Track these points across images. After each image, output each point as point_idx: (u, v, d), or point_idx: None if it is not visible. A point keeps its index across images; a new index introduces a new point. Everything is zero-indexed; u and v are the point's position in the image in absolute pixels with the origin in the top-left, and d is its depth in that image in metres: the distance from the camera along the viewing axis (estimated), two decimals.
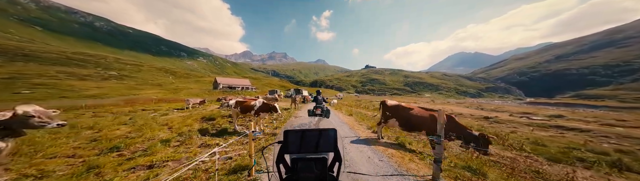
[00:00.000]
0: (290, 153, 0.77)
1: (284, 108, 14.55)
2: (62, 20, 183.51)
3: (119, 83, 43.56)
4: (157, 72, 71.73)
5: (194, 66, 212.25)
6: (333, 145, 0.74)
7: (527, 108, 28.81)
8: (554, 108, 35.01)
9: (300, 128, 0.80)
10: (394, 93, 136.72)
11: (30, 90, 25.20)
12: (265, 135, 5.47)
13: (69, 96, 25.36)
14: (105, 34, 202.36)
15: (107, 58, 71.40)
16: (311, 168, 0.71)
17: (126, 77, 51.58)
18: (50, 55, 54.64)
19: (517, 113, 20.72)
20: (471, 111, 23.42)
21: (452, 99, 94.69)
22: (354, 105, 21.21)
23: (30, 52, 53.50)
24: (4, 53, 47.43)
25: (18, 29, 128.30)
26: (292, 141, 0.75)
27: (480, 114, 19.53)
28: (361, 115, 11.62)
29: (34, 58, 49.57)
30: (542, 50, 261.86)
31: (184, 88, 47.83)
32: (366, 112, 14.91)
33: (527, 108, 31.17)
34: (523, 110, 25.24)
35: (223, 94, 36.75)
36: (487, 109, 27.33)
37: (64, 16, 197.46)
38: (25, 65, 43.08)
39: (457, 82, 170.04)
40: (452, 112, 19.48)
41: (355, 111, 13.77)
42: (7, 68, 35.81)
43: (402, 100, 53.63)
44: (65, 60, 54.69)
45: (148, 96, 30.11)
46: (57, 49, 67.05)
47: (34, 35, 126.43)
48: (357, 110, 14.94)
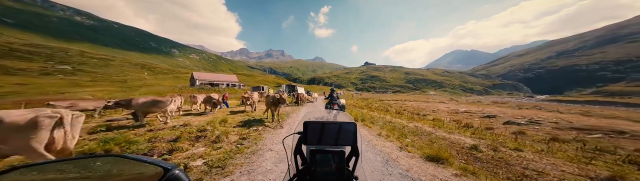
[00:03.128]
0: (308, 145, 0.76)
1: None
2: (37, 14, 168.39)
3: (63, 78, 33.94)
4: (131, 67, 61.65)
5: (185, 63, 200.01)
6: (352, 139, 0.73)
7: (575, 108, 20.91)
8: (602, 107, 27.44)
9: (318, 120, 0.79)
10: (396, 90, 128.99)
11: None
12: None
13: None
14: (86, 28, 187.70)
15: (70, 51, 60.79)
16: (329, 161, 0.71)
17: (81, 72, 41.78)
18: None
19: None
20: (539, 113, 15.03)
21: (471, 97, 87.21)
22: (364, 106, 16.34)
23: None
24: None
25: None
26: (311, 133, 0.75)
27: (588, 123, 11.10)
28: (385, 122, 7.31)
29: None
30: (543, 47, 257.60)
31: (154, 84, 38.48)
32: (387, 116, 9.82)
33: (571, 107, 23.36)
34: (586, 109, 17.25)
35: (187, 92, 27.54)
36: (546, 110, 19.18)
37: (39, 9, 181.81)
38: None
39: (461, 78, 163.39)
40: (533, 117, 11.18)
41: (371, 116, 9.24)
42: None
43: (407, 97, 45.47)
44: (6, 52, 44.35)
45: (80, 95, 20.93)
46: (5, 40, 56.17)
47: (3, 28, 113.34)
48: (373, 114, 10.43)
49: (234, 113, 8.71)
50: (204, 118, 7.09)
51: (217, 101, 8.33)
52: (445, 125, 8.12)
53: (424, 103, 26.20)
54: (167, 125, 5.80)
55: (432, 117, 12.23)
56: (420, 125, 7.58)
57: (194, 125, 5.78)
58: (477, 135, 5.98)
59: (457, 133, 6.01)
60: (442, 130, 6.64)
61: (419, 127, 6.95)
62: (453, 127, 8.04)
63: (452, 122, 10.53)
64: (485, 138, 5.50)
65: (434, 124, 7.99)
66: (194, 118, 7.11)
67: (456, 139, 5.24)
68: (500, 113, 14.22)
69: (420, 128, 6.70)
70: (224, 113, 8.76)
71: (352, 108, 14.13)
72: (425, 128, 6.75)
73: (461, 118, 11.97)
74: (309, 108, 11.62)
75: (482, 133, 6.55)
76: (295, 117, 7.85)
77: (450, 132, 6.27)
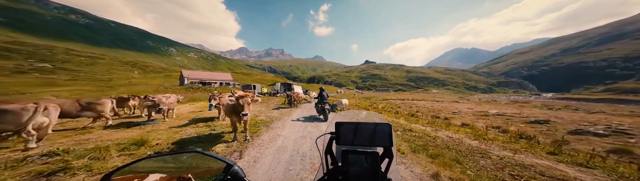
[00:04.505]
0: (340, 145, 0.76)
1: None
2: (30, 12, 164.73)
3: (38, 77, 31.01)
4: (121, 65, 58.64)
5: (183, 62, 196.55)
6: (387, 141, 0.72)
7: (619, 108, 18.03)
8: (628, 106, 24.41)
9: (350, 120, 0.79)
10: (398, 89, 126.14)
11: None
12: None
13: None
14: (81, 27, 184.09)
15: (55, 49, 57.69)
16: (361, 162, 0.70)
17: (61, 71, 38.83)
18: None
19: None
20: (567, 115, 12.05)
21: (477, 96, 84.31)
22: (368, 107, 14.33)
23: None
24: None
25: None
26: (343, 133, 0.75)
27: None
28: (404, 130, 5.31)
29: None
30: (546, 44, 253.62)
31: (139, 84, 35.62)
32: (401, 120, 7.39)
33: (615, 107, 20.39)
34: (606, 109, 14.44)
35: (171, 92, 24.60)
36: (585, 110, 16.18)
37: (33, 8, 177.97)
38: None
39: (464, 76, 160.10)
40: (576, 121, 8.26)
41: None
42: None
43: (412, 96, 42.55)
44: None
45: (42, 95, 18.00)
46: None
47: None
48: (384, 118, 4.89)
49: (197, 121, 5.78)
50: (126, 135, 4.11)
51: (164, 104, 5.35)
52: (489, 135, 5.57)
53: (437, 103, 23.29)
54: (30, 151, 2.97)
55: (458, 121, 9.50)
56: (452, 134, 5.33)
57: (79, 152, 2.83)
58: (569, 157, 3.67)
59: (526, 152, 3.91)
60: (496, 145, 4.33)
61: (455, 139, 4.72)
62: (503, 138, 5.44)
63: (492, 130, 7.70)
64: (598, 167, 3.16)
65: (472, 133, 5.68)
66: (111, 134, 4.13)
67: (545, 168, 2.99)
68: (549, 116, 11.21)
69: (459, 141, 4.49)
70: (182, 120, 5.90)
71: (354, 109, 11.30)
72: (466, 141, 4.55)
73: (501, 124, 9.04)
74: (305, 111, 8.74)
75: (568, 152, 4.11)
76: (278, 129, 4.82)
77: (514, 150, 3.96)
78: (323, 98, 6.46)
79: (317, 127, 5.19)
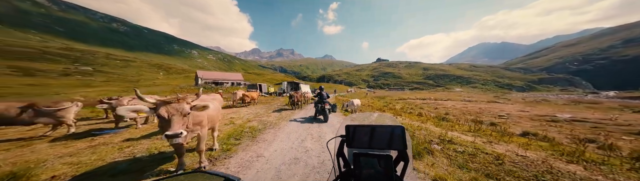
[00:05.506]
0: (351, 148, 0.75)
1: None
2: (81, 22, 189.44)
3: (79, 79, 35.05)
4: (149, 68, 64.18)
5: (203, 64, 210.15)
6: (400, 144, 0.70)
7: None
8: None
9: (360, 123, 0.78)
10: (414, 87, 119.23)
11: None
12: None
13: None
14: (120, 34, 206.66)
15: (97, 54, 65.17)
16: (374, 165, 0.69)
17: (99, 73, 43.49)
18: (22, 50, 48.45)
19: None
20: None
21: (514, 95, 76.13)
22: (384, 107, 12.70)
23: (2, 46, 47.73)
24: None
25: (39, 30, 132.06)
26: (354, 136, 0.74)
27: None
28: (441, 142, 3.62)
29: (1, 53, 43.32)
30: (599, 35, 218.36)
31: (161, 84, 38.42)
32: (430, 126, 5.79)
33: None
34: None
35: (185, 91, 25.71)
36: None
37: (84, 19, 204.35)
38: None
39: (495, 73, 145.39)
40: None
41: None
42: None
43: (434, 95, 39.16)
44: (40, 55, 48.16)
45: (72, 96, 20.17)
46: (42, 45, 61.93)
47: (56, 36, 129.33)
48: (402, 121, 6.42)
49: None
50: (64, 151, 3.24)
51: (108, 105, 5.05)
52: (588, 154, 3.32)
53: (470, 104, 20.44)
54: None
55: (515, 128, 7.34)
56: (521, 150, 3.36)
57: None
58: None
59: None
60: (618, 173, 2.50)
61: (533, 160, 2.87)
62: (617, 160, 3.08)
63: (588, 145, 3.93)
64: None
65: (553, 149, 3.67)
66: (45, 150, 3.24)
67: None
68: None
69: (547, 165, 2.67)
70: (155, 128, 5.04)
71: (367, 110, 10.23)
72: (558, 165, 2.72)
73: (592, 136, 6.37)
74: (309, 113, 7.62)
75: None
76: (263, 144, 3.49)
77: None
78: (322, 98, 6.33)
79: (319, 139, 3.91)
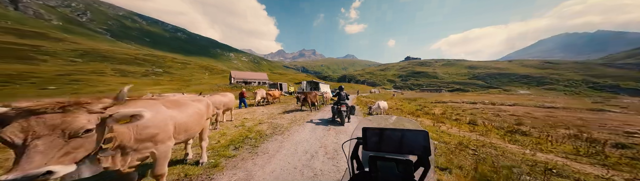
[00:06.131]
0: (368, 151, 0.74)
1: None
2: (159, 33, 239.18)
3: (153, 79, 47.73)
4: (199, 69, 79.10)
5: (238, 65, 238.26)
6: (423, 149, 0.68)
7: None
8: None
9: (377, 126, 0.78)
10: (455, 88, 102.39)
11: (56, 86, 27.86)
12: None
13: (82, 91, 26.77)
14: (182, 41, 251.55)
15: (166, 58, 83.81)
16: (391, 169, 0.68)
17: (166, 74, 57.25)
18: (122, 56, 67.23)
19: None
20: None
21: (631, 99, 63.74)
22: (417, 111, 10.26)
23: (109, 53, 67.28)
24: (89, 55, 60.77)
25: (136, 41, 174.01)
26: (371, 139, 0.73)
27: None
28: None
29: (109, 59, 61.58)
30: None
31: (205, 83, 48.63)
32: (513, 148, 4.43)
33: None
34: None
35: (219, 90, 33.24)
36: None
37: (160, 30, 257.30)
38: (95, 64, 53.07)
39: (586, 71, 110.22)
40: None
41: (451, 142, 4.37)
42: (75, 67, 43.96)
43: (487, 98, 36.96)
44: (132, 60, 65.96)
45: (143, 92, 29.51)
46: (135, 52, 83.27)
47: (144, 45, 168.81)
48: (452, 132, 6.35)
49: None
50: None
51: None
52: None
53: (557, 111, 14.99)
54: None
55: None
56: None
57: None
58: None
59: None
60: None
61: None
62: None
63: None
64: None
65: None
66: None
67: None
68: None
69: None
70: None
71: (397, 115, 7.46)
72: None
73: None
74: (327, 115, 7.20)
75: None
76: (263, 157, 2.92)
77: None
78: (341, 99, 6.10)
79: (334, 154, 3.08)
